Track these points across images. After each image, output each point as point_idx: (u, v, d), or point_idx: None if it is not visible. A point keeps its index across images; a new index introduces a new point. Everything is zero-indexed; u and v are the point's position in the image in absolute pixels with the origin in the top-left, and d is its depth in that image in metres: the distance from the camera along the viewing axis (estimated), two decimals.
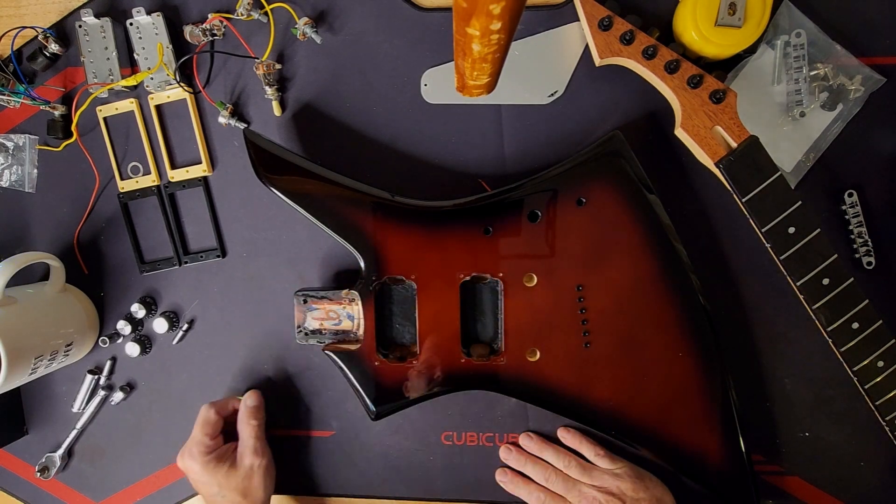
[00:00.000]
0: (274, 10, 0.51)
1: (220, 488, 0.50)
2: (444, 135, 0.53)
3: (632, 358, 0.49)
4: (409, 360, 0.50)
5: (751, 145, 0.44)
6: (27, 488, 0.59)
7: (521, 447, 0.55)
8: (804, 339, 0.51)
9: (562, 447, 0.53)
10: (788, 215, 0.45)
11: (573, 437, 0.53)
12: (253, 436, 0.52)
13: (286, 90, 0.54)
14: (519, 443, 0.55)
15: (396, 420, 0.55)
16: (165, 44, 0.52)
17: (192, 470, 0.50)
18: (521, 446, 0.54)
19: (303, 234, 0.55)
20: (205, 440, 0.50)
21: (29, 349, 0.49)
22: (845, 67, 0.49)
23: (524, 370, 0.49)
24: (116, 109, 0.54)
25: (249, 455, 0.51)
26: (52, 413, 0.58)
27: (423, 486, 0.56)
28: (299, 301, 0.52)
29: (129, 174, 0.55)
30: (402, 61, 0.52)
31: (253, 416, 0.52)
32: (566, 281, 0.48)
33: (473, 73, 0.35)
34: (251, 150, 0.48)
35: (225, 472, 0.50)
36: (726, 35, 0.45)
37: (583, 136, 0.52)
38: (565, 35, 0.51)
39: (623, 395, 0.49)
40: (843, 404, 0.52)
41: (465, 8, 0.28)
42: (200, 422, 0.51)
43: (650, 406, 0.49)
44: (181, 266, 0.56)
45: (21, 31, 0.52)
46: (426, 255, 0.49)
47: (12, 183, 0.56)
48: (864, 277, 0.50)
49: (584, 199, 0.48)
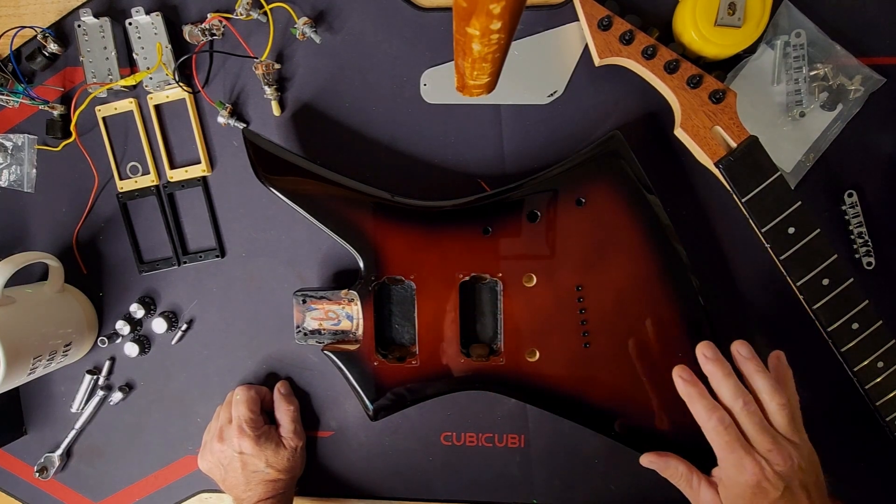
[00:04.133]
0: (273, 10, 0.51)
1: (268, 465, 0.51)
2: (444, 135, 0.53)
3: (631, 358, 0.49)
4: (409, 360, 0.50)
5: (751, 145, 0.44)
6: (26, 488, 0.59)
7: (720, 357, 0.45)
8: (804, 339, 0.51)
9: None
10: (788, 215, 0.45)
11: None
12: (293, 419, 0.54)
13: (285, 90, 0.54)
14: (733, 349, 0.46)
15: (396, 420, 0.55)
16: (164, 44, 0.52)
17: (244, 447, 0.51)
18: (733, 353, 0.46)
19: (302, 234, 0.55)
20: (253, 416, 0.52)
21: (28, 349, 0.48)
22: (845, 67, 0.49)
23: (523, 370, 0.49)
24: (115, 109, 0.54)
25: (292, 437, 0.53)
26: (51, 413, 0.58)
27: (423, 487, 0.56)
28: (298, 301, 0.52)
29: (128, 174, 0.55)
30: (402, 61, 0.52)
31: (289, 402, 0.54)
32: (566, 281, 0.48)
33: (473, 72, 0.35)
34: (250, 150, 0.48)
35: (273, 450, 0.52)
36: (726, 35, 0.45)
37: (582, 136, 0.52)
38: (565, 35, 0.51)
39: (622, 396, 0.49)
40: (844, 404, 0.51)
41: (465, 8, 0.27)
42: (245, 399, 0.52)
43: (650, 406, 0.49)
44: (180, 266, 0.56)
45: (20, 31, 0.52)
46: (425, 256, 0.49)
47: (11, 183, 0.56)
48: (864, 277, 0.50)
49: (583, 199, 0.48)
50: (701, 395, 0.45)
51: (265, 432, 0.52)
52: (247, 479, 0.51)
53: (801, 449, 0.43)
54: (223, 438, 0.51)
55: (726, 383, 0.44)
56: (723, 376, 0.44)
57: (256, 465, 0.51)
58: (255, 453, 0.51)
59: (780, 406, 0.43)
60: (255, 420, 0.52)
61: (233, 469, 0.51)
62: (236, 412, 0.52)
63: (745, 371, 0.45)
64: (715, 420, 0.43)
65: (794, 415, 0.44)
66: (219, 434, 0.52)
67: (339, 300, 0.52)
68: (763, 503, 0.42)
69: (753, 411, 0.43)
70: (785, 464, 0.41)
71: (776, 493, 0.41)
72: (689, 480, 0.46)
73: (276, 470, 0.51)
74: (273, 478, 0.51)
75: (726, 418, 0.43)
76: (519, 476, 0.55)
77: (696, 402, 0.45)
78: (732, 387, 0.44)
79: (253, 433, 0.51)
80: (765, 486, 0.41)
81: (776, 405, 0.43)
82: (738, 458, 0.42)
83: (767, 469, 0.41)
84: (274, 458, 0.51)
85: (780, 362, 0.46)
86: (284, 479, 0.52)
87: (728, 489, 0.43)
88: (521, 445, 0.55)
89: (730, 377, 0.44)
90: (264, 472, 0.51)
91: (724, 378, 0.44)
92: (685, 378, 0.46)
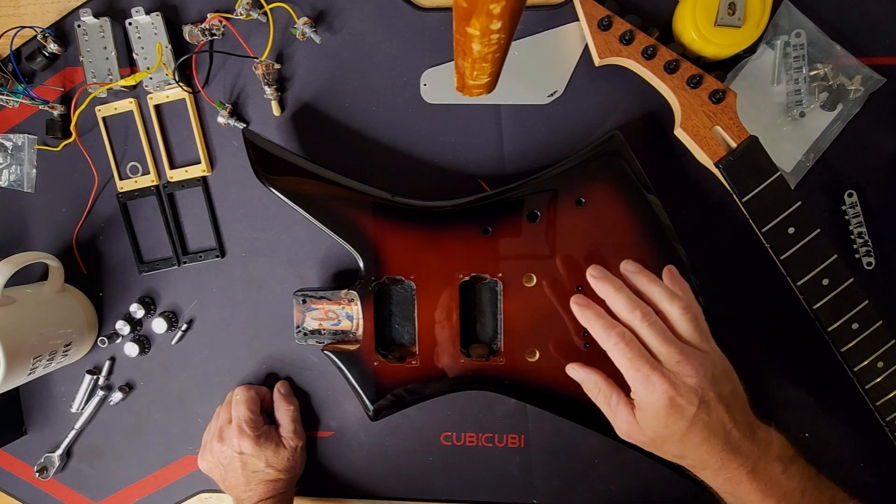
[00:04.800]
0: (273, 10, 0.51)
1: (268, 465, 0.51)
2: (444, 135, 0.53)
3: None
4: (408, 360, 0.50)
5: (750, 145, 0.44)
6: (26, 488, 0.59)
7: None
8: (804, 339, 0.51)
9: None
10: (788, 215, 0.45)
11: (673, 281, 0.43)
12: (293, 419, 0.54)
13: (285, 90, 0.54)
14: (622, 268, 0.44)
15: (395, 420, 0.55)
16: (164, 43, 0.52)
17: (244, 447, 0.50)
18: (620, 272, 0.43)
19: (302, 235, 0.55)
20: (253, 416, 0.52)
21: (27, 349, 0.48)
22: (845, 67, 0.49)
23: (523, 370, 0.49)
24: (115, 109, 0.54)
25: (292, 437, 0.53)
26: (51, 413, 0.58)
27: (423, 487, 0.56)
28: (298, 301, 0.52)
29: (128, 174, 0.55)
30: (402, 61, 0.52)
31: (289, 402, 0.54)
32: (566, 281, 0.48)
33: (473, 72, 0.35)
34: (250, 149, 0.48)
35: (273, 450, 0.52)
36: (726, 35, 0.45)
37: (582, 136, 0.52)
38: (565, 35, 0.51)
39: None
40: (844, 404, 0.51)
41: (465, 8, 0.27)
42: (244, 399, 0.52)
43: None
44: (180, 266, 0.56)
45: (20, 31, 0.52)
46: (425, 256, 0.49)
47: (11, 183, 0.56)
48: (864, 277, 0.50)
49: (583, 199, 0.48)
50: (598, 314, 0.42)
51: (265, 432, 0.52)
52: (247, 479, 0.51)
53: (711, 357, 0.40)
54: (223, 438, 0.51)
55: (619, 297, 0.41)
56: (614, 290, 0.41)
57: (256, 465, 0.51)
58: (255, 453, 0.51)
59: (681, 310, 0.40)
60: (254, 420, 0.52)
61: (233, 469, 0.51)
62: (236, 412, 0.52)
63: (638, 284, 0.43)
64: (615, 336, 0.40)
65: (699, 321, 0.41)
66: (219, 434, 0.52)
67: (339, 300, 0.52)
68: (679, 422, 0.38)
69: (654, 322, 0.40)
70: (697, 375, 0.38)
71: (692, 408, 0.38)
72: (607, 398, 0.42)
73: (276, 470, 0.51)
74: (273, 478, 0.51)
75: (626, 333, 0.40)
76: (519, 476, 0.55)
77: (593, 322, 0.41)
78: (626, 299, 0.41)
79: (253, 433, 0.51)
80: (679, 403, 0.38)
81: (678, 310, 0.40)
82: (644, 375, 0.38)
83: (679, 383, 0.38)
84: (274, 458, 0.51)
85: (672, 274, 0.44)
86: (284, 479, 0.52)
87: (643, 411, 0.40)
88: (521, 445, 0.55)
89: (622, 290, 0.41)
90: (264, 471, 0.51)
91: (616, 292, 0.41)
92: (580, 303, 0.43)
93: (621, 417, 0.41)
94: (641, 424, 0.40)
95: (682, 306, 0.41)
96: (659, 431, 0.39)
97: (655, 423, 0.39)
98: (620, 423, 0.42)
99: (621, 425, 0.42)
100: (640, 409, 0.40)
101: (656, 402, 0.38)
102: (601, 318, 0.42)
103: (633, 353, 0.39)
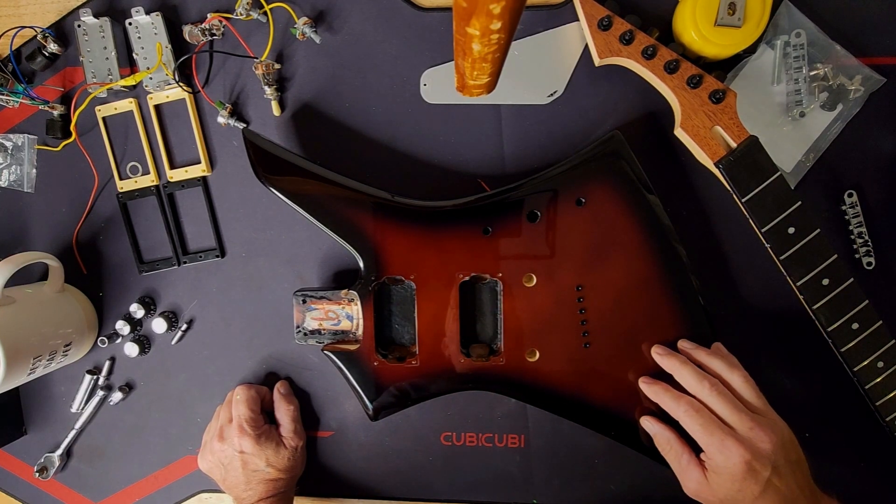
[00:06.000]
0: (273, 10, 0.51)
1: (268, 464, 0.51)
2: (444, 135, 0.53)
3: (631, 358, 0.49)
4: (409, 360, 0.50)
5: (750, 145, 0.44)
6: (26, 488, 0.59)
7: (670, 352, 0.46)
8: (803, 339, 0.51)
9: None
10: (788, 215, 0.45)
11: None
12: (293, 419, 0.54)
13: (285, 90, 0.54)
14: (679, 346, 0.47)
15: (396, 420, 0.55)
16: (164, 43, 0.52)
17: (244, 446, 0.50)
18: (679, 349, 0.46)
19: (302, 235, 0.55)
20: (253, 415, 0.52)
21: (27, 349, 0.48)
22: (845, 67, 0.49)
23: (523, 370, 0.49)
24: (115, 109, 0.54)
25: (293, 436, 0.53)
26: (51, 413, 0.58)
27: (423, 487, 0.56)
28: (298, 301, 0.52)
29: (128, 174, 0.55)
30: (402, 61, 0.52)
31: (289, 402, 0.55)
32: (566, 281, 0.48)
33: (473, 72, 0.35)
34: (250, 149, 0.48)
35: (273, 449, 0.52)
36: (726, 35, 0.45)
37: (582, 136, 0.52)
38: (565, 35, 0.51)
39: (622, 396, 0.49)
40: (844, 405, 0.51)
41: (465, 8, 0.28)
42: (245, 399, 0.52)
43: (649, 406, 0.49)
44: (180, 266, 0.56)
45: (20, 31, 0.52)
46: (425, 256, 0.49)
47: (11, 183, 0.56)
48: (864, 277, 0.50)
49: (583, 199, 0.48)
50: (665, 389, 0.45)
51: (265, 431, 0.52)
52: (247, 479, 0.51)
53: (778, 424, 0.42)
54: (223, 438, 0.51)
55: (685, 370, 0.44)
56: (680, 364, 0.45)
57: (257, 465, 0.51)
58: (256, 452, 0.51)
59: (743, 379, 0.43)
60: (255, 419, 0.52)
61: (233, 468, 0.51)
62: (236, 411, 0.52)
63: (698, 358, 0.45)
64: (684, 404, 0.43)
65: (758, 389, 0.43)
66: (219, 433, 0.52)
67: (339, 300, 0.52)
68: (753, 486, 0.40)
69: (722, 391, 0.42)
70: (770, 441, 0.40)
71: (766, 472, 0.39)
72: (678, 455, 0.44)
73: (277, 469, 0.51)
74: (273, 477, 0.51)
75: (695, 402, 0.43)
76: (519, 476, 0.55)
77: (662, 397, 0.45)
78: (692, 372, 0.44)
79: (253, 432, 0.51)
80: (755, 467, 0.39)
81: (739, 379, 0.43)
82: (719, 439, 0.41)
83: (753, 449, 0.40)
84: (274, 458, 0.51)
85: (721, 350, 0.47)
86: (285, 479, 0.52)
87: (718, 474, 0.41)
88: (521, 445, 0.55)
89: (687, 364, 0.45)
90: (264, 471, 0.51)
91: (682, 366, 0.44)
92: (647, 381, 0.47)
93: (691, 477, 0.43)
94: (713, 486, 0.42)
95: (742, 376, 0.43)
96: (731, 494, 0.41)
97: (730, 486, 0.41)
98: (690, 482, 0.44)
99: (690, 484, 0.44)
100: (715, 472, 0.42)
101: (733, 466, 0.40)
102: (668, 392, 0.45)
103: (705, 420, 0.42)
